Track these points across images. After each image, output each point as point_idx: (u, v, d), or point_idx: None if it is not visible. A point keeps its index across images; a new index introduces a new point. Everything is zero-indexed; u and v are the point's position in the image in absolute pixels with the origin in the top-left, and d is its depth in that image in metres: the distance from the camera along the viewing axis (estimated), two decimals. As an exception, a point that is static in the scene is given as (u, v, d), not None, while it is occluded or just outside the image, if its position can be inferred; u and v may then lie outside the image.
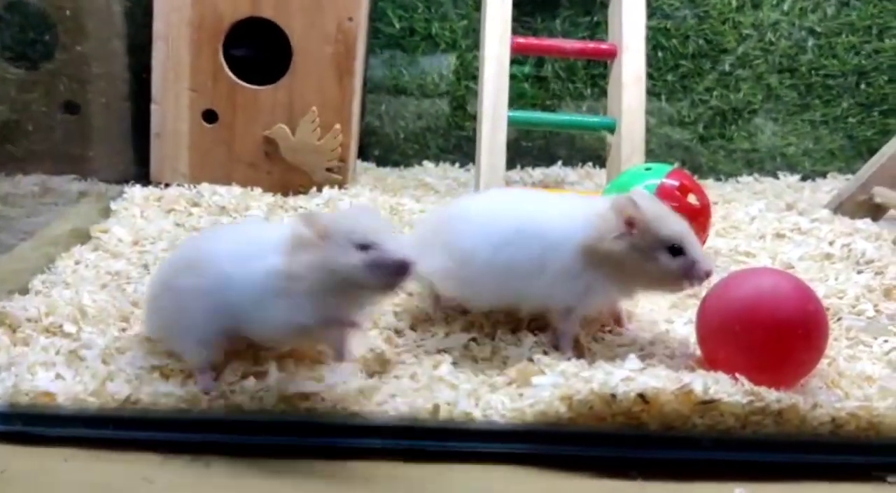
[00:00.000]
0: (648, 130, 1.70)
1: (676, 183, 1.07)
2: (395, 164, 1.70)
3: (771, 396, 0.76)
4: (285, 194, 1.36)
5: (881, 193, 1.39)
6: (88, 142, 1.40)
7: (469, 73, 1.65)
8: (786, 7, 1.65)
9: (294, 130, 1.35)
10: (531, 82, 1.69)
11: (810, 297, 0.79)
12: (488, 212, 0.88)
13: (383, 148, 1.71)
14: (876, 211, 1.40)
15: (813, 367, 0.80)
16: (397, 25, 1.64)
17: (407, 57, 1.65)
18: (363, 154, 1.68)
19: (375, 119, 1.69)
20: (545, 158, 1.72)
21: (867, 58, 1.68)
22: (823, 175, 1.72)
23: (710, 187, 1.64)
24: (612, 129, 1.40)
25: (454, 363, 0.85)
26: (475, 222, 0.87)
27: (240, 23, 1.33)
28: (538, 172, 1.67)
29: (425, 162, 1.69)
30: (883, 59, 1.68)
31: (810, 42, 1.67)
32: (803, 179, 1.71)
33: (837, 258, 1.18)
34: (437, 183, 1.53)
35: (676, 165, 1.68)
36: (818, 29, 1.67)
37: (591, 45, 1.47)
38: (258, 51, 1.37)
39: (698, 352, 0.86)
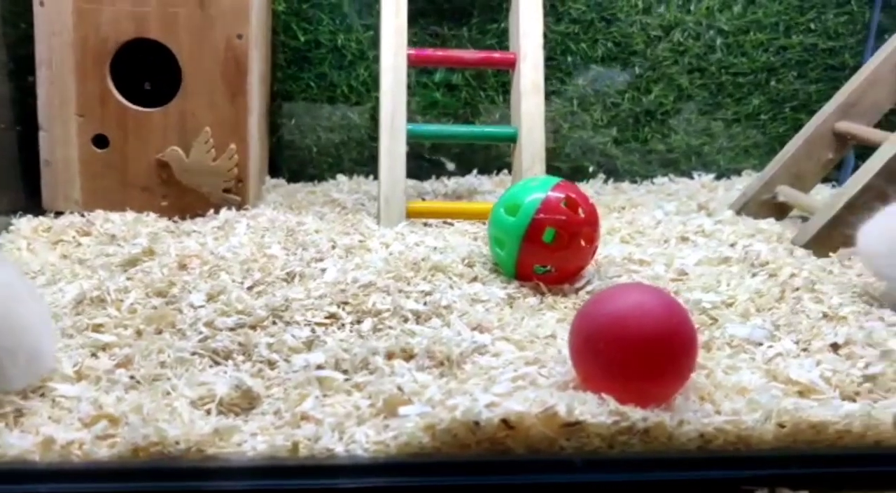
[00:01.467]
0: (563, 136, 1.70)
1: (562, 196, 1.05)
2: (310, 178, 1.67)
3: (636, 415, 0.75)
4: (182, 218, 1.32)
5: (784, 192, 1.39)
6: (-24, 173, 1.35)
7: (378, 84, 1.62)
8: (693, 7, 1.66)
9: (188, 151, 1.31)
10: (443, 91, 1.67)
11: (674, 312, 0.78)
12: None
13: (297, 163, 1.68)
14: (780, 210, 1.40)
15: (682, 383, 0.79)
16: (302, 38, 1.61)
17: (314, 69, 1.63)
18: (275, 171, 1.65)
19: (287, 134, 1.66)
20: (463, 167, 1.70)
21: (775, 54, 1.69)
22: (738, 173, 1.73)
23: (625, 190, 1.64)
24: (514, 138, 1.39)
25: (325, 396, 0.83)
26: None
27: (127, 44, 1.30)
28: (453, 182, 1.65)
29: (339, 175, 1.67)
30: (791, 55, 1.69)
31: (719, 41, 1.67)
32: (718, 177, 1.71)
33: (735, 261, 1.18)
34: (346, 198, 1.50)
35: (593, 172, 1.69)
36: (726, 28, 1.67)
37: (490, 54, 1.45)
38: (148, 73, 1.34)
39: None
